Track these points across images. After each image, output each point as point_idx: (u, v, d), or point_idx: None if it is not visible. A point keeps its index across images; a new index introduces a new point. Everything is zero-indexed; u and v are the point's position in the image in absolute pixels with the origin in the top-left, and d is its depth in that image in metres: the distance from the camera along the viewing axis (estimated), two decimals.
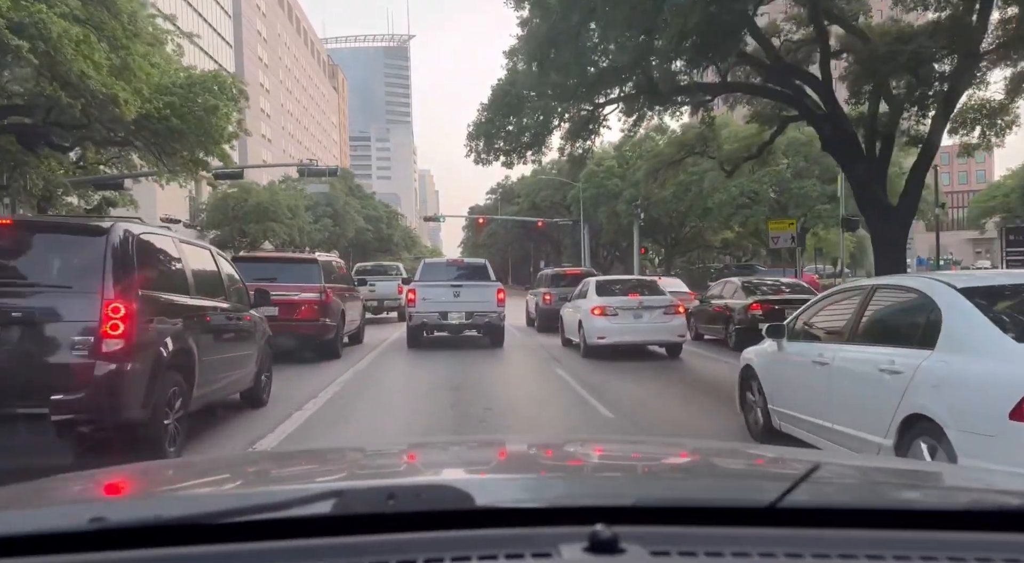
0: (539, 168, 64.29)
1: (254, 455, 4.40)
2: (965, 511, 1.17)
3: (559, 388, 10.75)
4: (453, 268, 16.75)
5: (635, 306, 12.98)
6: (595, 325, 12.93)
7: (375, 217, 78.81)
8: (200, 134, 20.53)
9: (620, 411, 8.64)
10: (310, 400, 9.16)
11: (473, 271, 16.30)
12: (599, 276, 16.58)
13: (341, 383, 10.73)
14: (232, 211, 55.11)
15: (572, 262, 63.01)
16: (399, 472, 1.86)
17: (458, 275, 15.95)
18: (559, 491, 1.39)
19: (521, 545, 1.00)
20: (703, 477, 1.69)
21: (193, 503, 1.36)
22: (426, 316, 15.14)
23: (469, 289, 15.16)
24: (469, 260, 18.98)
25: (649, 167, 23.67)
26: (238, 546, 1.03)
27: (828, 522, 1.09)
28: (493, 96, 17.76)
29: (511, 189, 68.47)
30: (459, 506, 1.12)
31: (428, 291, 15.22)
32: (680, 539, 1.04)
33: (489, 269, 16.54)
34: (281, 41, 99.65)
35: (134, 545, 1.03)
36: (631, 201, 45.34)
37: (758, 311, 13.58)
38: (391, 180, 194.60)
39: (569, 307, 15.30)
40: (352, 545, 1.03)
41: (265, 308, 8.74)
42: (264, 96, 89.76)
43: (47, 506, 1.41)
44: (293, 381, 10.59)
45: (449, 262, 17.98)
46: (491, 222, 60.84)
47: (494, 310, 15.13)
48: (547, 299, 19.48)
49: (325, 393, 9.76)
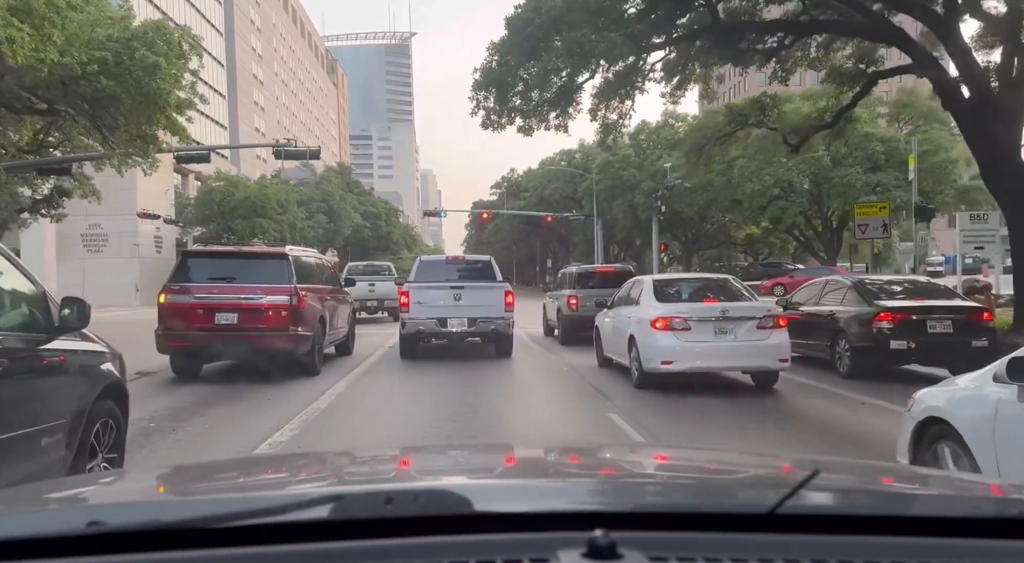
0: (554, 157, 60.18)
1: (252, 459, 4.22)
2: (963, 518, 1.17)
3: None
4: (453, 266, 14.57)
5: (716, 316, 8.90)
6: (658, 344, 8.92)
7: (373, 214, 74.91)
8: (140, 99, 16.55)
9: None
10: (264, 442, 6.58)
11: (476, 270, 14.23)
12: (653, 275, 12.21)
13: (302, 419, 7.80)
14: (218, 206, 51.23)
15: (583, 260, 59.05)
16: (397, 477, 1.84)
17: (459, 275, 14.06)
18: (557, 496, 1.35)
19: (519, 550, 1.00)
20: (702, 483, 1.67)
21: (191, 507, 1.34)
22: (422, 323, 13.11)
23: (472, 291, 13.22)
24: (471, 257, 16.73)
25: (692, 142, 19.47)
26: (236, 550, 1.03)
27: (827, 528, 1.10)
28: (510, 31, 13.53)
29: (517, 183, 64.35)
30: (457, 511, 1.11)
31: (424, 293, 13.18)
32: (679, 545, 1.03)
33: (495, 267, 14.26)
34: (276, 31, 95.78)
35: (132, 549, 1.03)
36: (650, 193, 41.33)
37: (887, 323, 9.59)
38: (393, 179, 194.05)
39: (609, 316, 11.34)
40: (350, 550, 1.03)
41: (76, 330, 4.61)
42: (258, 88, 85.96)
43: (45, 509, 1.41)
44: (241, 417, 8.14)
45: (449, 259, 15.46)
46: (496, 218, 56.74)
47: (501, 316, 13.11)
48: (573, 304, 15.51)
49: (279, 434, 7.01)
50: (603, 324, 11.74)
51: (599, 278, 15.97)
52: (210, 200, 51.55)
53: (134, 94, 16.41)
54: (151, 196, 51.90)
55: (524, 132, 14.71)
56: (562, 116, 14.57)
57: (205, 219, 51.31)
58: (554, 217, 47.90)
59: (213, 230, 50.97)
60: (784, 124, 17.63)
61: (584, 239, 53.90)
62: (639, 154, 46.06)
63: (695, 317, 8.84)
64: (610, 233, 49.85)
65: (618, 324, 10.58)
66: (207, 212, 51.27)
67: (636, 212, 43.97)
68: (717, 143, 18.39)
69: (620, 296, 11.19)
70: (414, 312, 13.17)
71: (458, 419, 7.77)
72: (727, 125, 18.25)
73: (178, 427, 7.44)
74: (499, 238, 69.10)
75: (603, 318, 11.83)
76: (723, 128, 18.30)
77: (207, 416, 8.10)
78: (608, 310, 11.57)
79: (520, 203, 57.86)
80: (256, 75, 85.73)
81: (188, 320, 10.34)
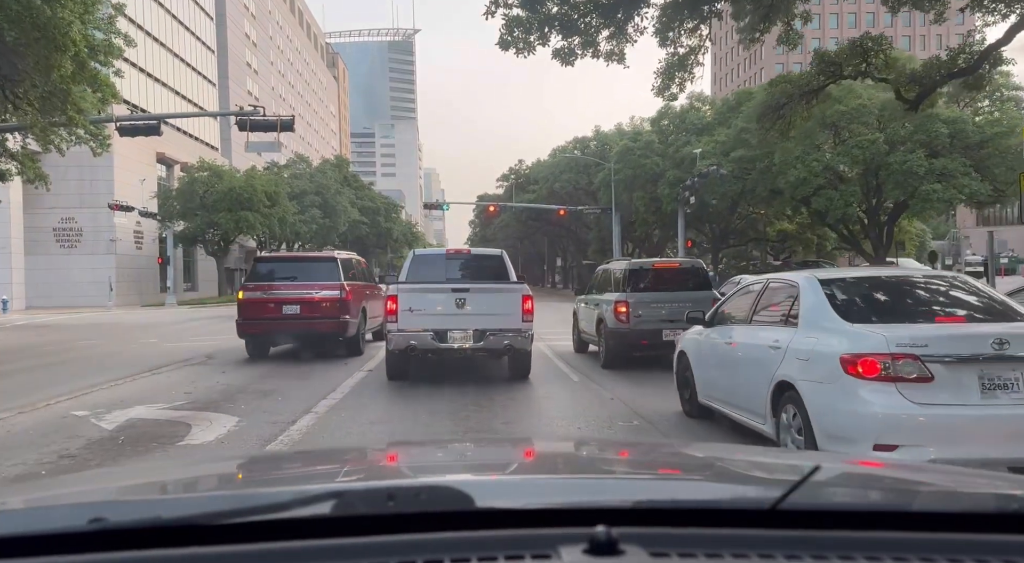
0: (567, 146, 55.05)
1: (255, 455, 4.20)
2: (964, 513, 1.17)
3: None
4: (455, 262, 11.58)
5: (985, 353, 4.49)
6: (863, 410, 4.43)
7: (372, 209, 70.74)
8: (35, 35, 12.29)
9: None
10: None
11: (484, 267, 11.45)
12: (821, 273, 6.60)
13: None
14: (201, 199, 46.94)
15: (596, 258, 54.54)
16: (399, 473, 1.84)
17: (463, 273, 11.31)
18: (559, 493, 1.36)
19: (521, 546, 1.00)
20: (703, 479, 1.66)
21: (193, 504, 1.35)
22: (414, 336, 10.16)
23: (479, 295, 10.27)
24: (479, 250, 13.15)
25: (763, 102, 14.90)
26: (238, 547, 1.03)
27: (829, 524, 1.09)
28: None
29: (525, 176, 59.89)
30: (459, 507, 1.11)
31: (418, 298, 10.28)
32: (680, 541, 1.03)
33: (507, 263, 11.36)
34: (272, 19, 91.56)
35: (134, 546, 1.03)
36: (676, 183, 36.90)
37: None
38: (395, 178, 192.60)
39: (714, 339, 6.95)
40: (352, 546, 1.03)
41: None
42: (252, 77, 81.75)
43: (47, 506, 1.41)
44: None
45: (450, 253, 12.14)
46: (503, 211, 52.32)
47: (518, 327, 10.18)
48: (622, 313, 11.18)
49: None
50: (698, 352, 7.34)
51: (658, 277, 11.63)
52: (193, 192, 47.31)
53: (28, 29, 12.10)
54: (131, 188, 47.74)
55: (562, 58, 10.15)
56: (617, 37, 10.16)
57: (188, 213, 47.03)
58: (567, 210, 43.48)
59: (197, 225, 46.77)
60: (897, 73, 13.22)
61: (598, 235, 49.49)
62: (662, 140, 41.65)
63: (941, 355, 4.45)
64: (627, 228, 45.43)
65: (739, 357, 6.21)
66: (190, 205, 47.00)
67: (659, 205, 39.57)
68: (802, 101, 13.98)
69: (740, 306, 6.77)
70: (404, 322, 10.15)
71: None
72: (816, 78, 13.85)
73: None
74: (506, 234, 64.69)
75: (696, 341, 7.45)
76: (810, 82, 13.90)
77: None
78: (707, 329, 7.18)
79: (529, 197, 53.45)
80: (250, 63, 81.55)
81: (261, 312, 13.25)
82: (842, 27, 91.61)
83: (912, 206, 31.54)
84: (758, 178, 33.74)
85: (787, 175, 31.79)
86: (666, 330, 10.77)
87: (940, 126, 30.79)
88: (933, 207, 31.60)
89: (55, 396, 9.55)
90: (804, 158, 31.56)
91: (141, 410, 8.50)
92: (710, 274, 11.25)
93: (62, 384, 10.67)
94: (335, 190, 60.44)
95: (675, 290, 11.20)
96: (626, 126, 51.00)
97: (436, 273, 11.04)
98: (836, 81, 13.83)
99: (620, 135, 48.04)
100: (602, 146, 49.10)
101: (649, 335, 10.88)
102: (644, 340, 10.89)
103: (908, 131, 31.37)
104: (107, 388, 10.35)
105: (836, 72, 13.66)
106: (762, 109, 14.80)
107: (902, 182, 30.75)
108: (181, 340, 18.35)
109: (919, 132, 31.19)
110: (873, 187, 33.86)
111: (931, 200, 30.38)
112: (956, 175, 30.21)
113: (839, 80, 13.88)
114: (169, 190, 50.56)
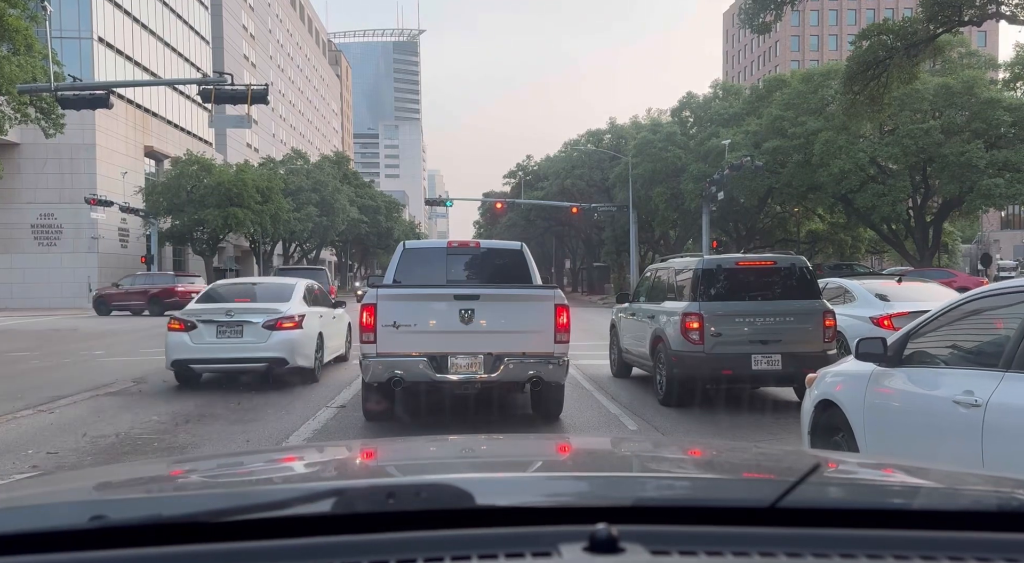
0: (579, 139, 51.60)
1: (255, 453, 4.07)
2: (965, 511, 1.16)
3: None
4: (459, 259, 8.67)
5: None
6: None
7: (372, 207, 67.68)
8: None
9: None
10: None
11: (499, 266, 8.58)
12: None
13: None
14: (188, 194, 43.93)
15: (609, 260, 51.30)
16: (399, 471, 1.82)
17: (470, 274, 8.49)
18: (559, 490, 1.35)
19: (521, 544, 1.00)
20: (704, 477, 1.64)
21: (194, 501, 1.33)
22: (400, 363, 7.14)
23: (494, 305, 7.20)
24: (491, 243, 9.74)
25: (859, 60, 11.49)
26: (238, 545, 1.02)
27: (828, 522, 1.09)
28: None
29: (534, 172, 56.67)
30: (459, 505, 1.11)
31: (405, 308, 7.22)
32: (680, 539, 1.03)
33: (529, 261, 8.61)
34: (272, 12, 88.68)
35: (135, 544, 1.02)
36: (700, 178, 33.71)
37: None
38: (400, 179, 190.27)
39: (923, 394, 3.79)
40: (352, 544, 1.02)
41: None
42: (250, 70, 78.68)
43: (48, 504, 1.38)
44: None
45: (452, 246, 8.97)
46: (510, 209, 49.12)
47: (549, 350, 7.17)
48: (694, 331, 7.96)
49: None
50: (871, 409, 4.15)
51: (743, 280, 8.34)
52: (180, 187, 44.30)
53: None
54: (115, 182, 44.76)
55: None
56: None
57: (174, 208, 43.99)
58: (581, 208, 40.31)
59: (185, 222, 43.76)
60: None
61: (612, 235, 46.29)
62: (684, 132, 38.49)
63: None
64: (642, 228, 42.26)
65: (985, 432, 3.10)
66: (176, 200, 43.98)
67: (680, 201, 36.40)
68: (905, 56, 10.83)
69: (960, 337, 3.64)
70: (386, 343, 7.16)
71: None
72: (924, 25, 10.67)
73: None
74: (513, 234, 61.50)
75: (865, 391, 4.27)
76: (917, 30, 10.72)
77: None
78: (890, 370, 4.02)
79: (538, 194, 50.29)
80: (247, 56, 78.64)
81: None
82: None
83: (968, 202, 28.30)
84: (794, 171, 30.57)
85: (829, 167, 28.61)
86: (757, 355, 7.62)
87: (1002, 113, 27.58)
88: (994, 204, 28.36)
89: None
90: (848, 148, 28.39)
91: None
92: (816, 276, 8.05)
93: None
94: (333, 187, 57.39)
95: (768, 299, 8.00)
96: (642, 119, 47.81)
97: (434, 273, 8.24)
98: (952, 29, 10.71)
99: (637, 128, 44.87)
100: (617, 139, 45.91)
101: (733, 362, 7.70)
102: (727, 369, 7.70)
103: (965, 118, 28.15)
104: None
105: (953, 17, 10.50)
106: (852, 68, 11.58)
107: (958, 175, 27.52)
108: (130, 354, 15.26)
109: (976, 120, 27.98)
110: (918, 182, 30.65)
111: (992, 196, 27.15)
112: (1020, 167, 27.00)
113: (956, 27, 10.77)
114: (155, 184, 47.54)
